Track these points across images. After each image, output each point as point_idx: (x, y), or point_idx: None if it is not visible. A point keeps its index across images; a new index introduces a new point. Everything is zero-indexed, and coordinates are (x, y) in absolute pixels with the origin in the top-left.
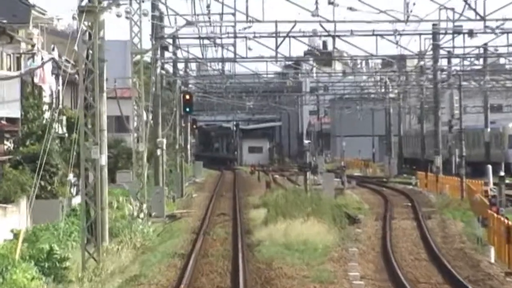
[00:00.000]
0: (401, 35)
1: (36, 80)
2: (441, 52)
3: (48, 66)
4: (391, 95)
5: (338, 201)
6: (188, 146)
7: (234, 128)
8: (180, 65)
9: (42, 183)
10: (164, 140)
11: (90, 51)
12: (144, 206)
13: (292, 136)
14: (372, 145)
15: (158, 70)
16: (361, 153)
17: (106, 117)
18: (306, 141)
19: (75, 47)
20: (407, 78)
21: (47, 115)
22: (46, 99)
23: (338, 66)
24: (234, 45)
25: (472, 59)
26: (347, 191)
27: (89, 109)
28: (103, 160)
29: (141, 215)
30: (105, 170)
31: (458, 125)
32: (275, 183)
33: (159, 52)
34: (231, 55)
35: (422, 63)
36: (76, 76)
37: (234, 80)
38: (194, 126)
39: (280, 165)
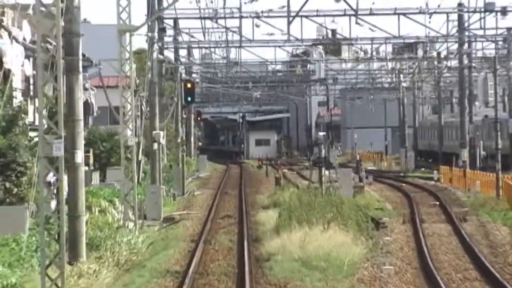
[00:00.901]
0: (427, 13)
1: (5, 59)
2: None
3: (18, 46)
4: (405, 84)
5: (358, 200)
6: (192, 139)
7: (241, 120)
8: (183, 53)
9: (7, 184)
10: (161, 133)
11: (63, 23)
12: (134, 210)
13: (301, 128)
14: (385, 137)
15: (155, 54)
16: (373, 146)
17: (82, 104)
18: (320, 133)
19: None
20: (419, 67)
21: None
22: (18, 84)
23: (347, 56)
24: (239, 27)
25: (501, 42)
26: (365, 188)
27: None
28: (79, 157)
29: (130, 221)
30: (82, 169)
31: (479, 115)
32: (285, 179)
33: (156, 34)
34: (236, 37)
35: (441, 47)
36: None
37: (240, 69)
38: (199, 118)
39: (288, 159)
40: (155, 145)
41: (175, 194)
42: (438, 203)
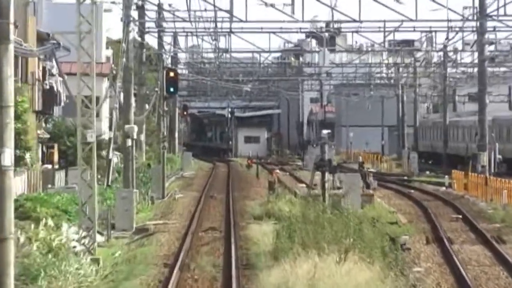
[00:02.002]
0: None
1: None
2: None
3: None
4: (402, 81)
5: (366, 212)
6: (176, 135)
7: (229, 116)
8: (167, 40)
9: None
10: (135, 127)
11: None
12: (93, 225)
13: (292, 125)
14: (382, 136)
15: (131, 35)
16: (369, 145)
17: (12, 84)
18: (324, 131)
19: None
20: (415, 63)
21: None
22: None
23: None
24: (230, 6)
25: None
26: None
27: None
28: (7, 158)
29: (83, 242)
30: (10, 175)
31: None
32: (280, 182)
33: (134, 12)
34: (226, 18)
35: (455, 36)
36: None
37: (230, 59)
38: (185, 113)
39: (279, 157)
40: (129, 141)
41: (153, 197)
42: (460, 216)
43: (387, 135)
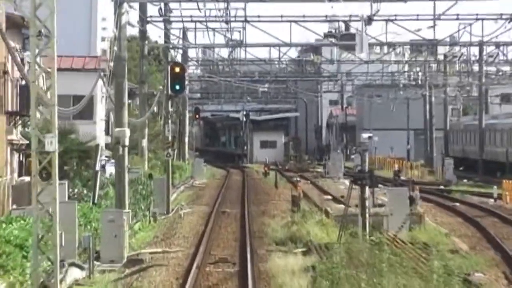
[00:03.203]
0: None
1: None
2: None
3: None
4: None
5: (417, 235)
6: (186, 140)
7: (244, 119)
8: (176, 33)
9: None
10: (128, 131)
11: None
12: (53, 269)
13: (310, 129)
14: (407, 140)
15: (124, 18)
16: (394, 150)
17: None
18: (364, 135)
19: None
20: (445, 61)
21: None
22: None
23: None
24: None
25: None
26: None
27: None
28: None
29: None
30: None
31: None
32: (305, 196)
33: None
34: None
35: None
36: None
37: (245, 55)
38: (197, 116)
39: (297, 163)
40: (120, 149)
41: (156, 214)
42: None
43: (412, 139)
